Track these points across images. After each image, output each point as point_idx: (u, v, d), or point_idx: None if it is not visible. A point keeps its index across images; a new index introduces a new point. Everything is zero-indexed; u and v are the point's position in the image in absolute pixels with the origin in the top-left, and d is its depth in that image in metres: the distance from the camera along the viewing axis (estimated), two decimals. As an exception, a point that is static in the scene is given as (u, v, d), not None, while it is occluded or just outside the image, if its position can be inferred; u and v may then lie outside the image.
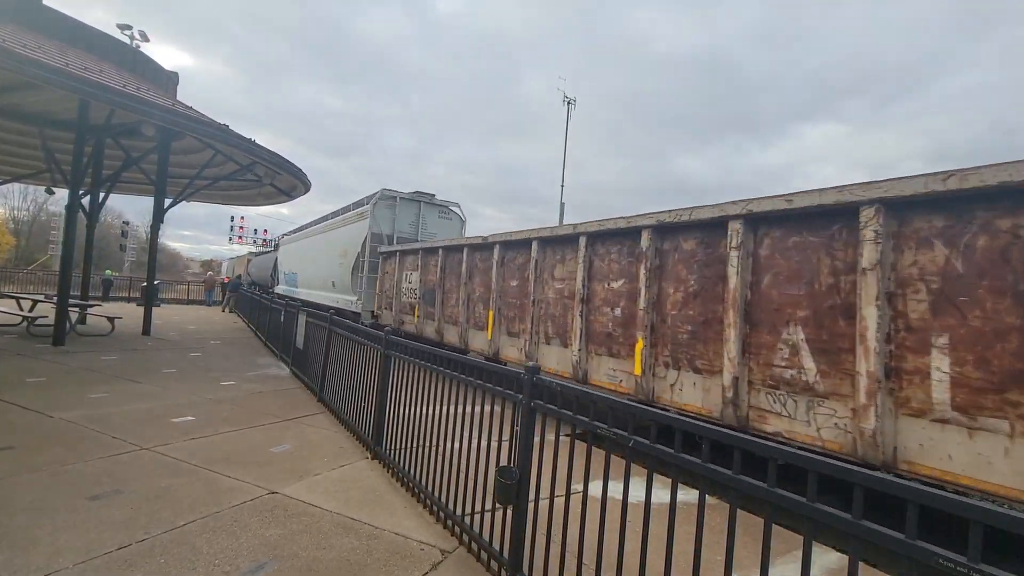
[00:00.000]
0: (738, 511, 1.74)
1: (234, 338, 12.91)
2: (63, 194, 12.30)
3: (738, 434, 1.70)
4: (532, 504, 2.63)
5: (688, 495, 3.64)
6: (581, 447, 2.53)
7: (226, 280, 27.16)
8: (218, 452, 4.37)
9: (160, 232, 13.10)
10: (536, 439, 2.70)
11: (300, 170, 11.87)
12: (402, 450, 3.95)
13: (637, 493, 2.30)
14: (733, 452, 1.71)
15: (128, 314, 14.34)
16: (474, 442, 3.10)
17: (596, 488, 2.39)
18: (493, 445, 3.00)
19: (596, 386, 5.59)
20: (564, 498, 2.50)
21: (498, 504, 2.74)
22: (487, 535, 2.87)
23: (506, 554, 2.70)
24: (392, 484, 3.96)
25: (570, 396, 2.58)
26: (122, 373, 7.33)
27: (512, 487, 2.60)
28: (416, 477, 3.68)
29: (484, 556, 2.89)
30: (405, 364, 4.08)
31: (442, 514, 3.32)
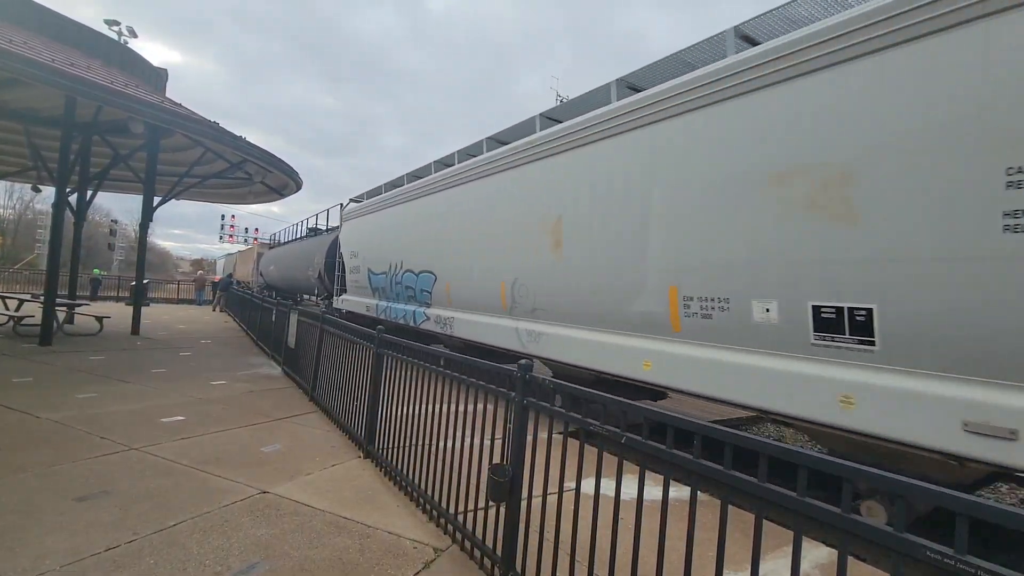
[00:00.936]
0: (729, 507, 1.75)
1: (225, 337, 12.80)
2: (49, 192, 12.15)
3: (730, 430, 1.71)
4: (525, 502, 2.63)
5: (680, 492, 3.65)
6: (574, 445, 2.53)
7: (216, 279, 26.82)
8: (208, 452, 4.33)
9: (149, 231, 12.98)
10: (529, 437, 2.70)
11: (291, 168, 11.80)
12: (395, 449, 3.93)
13: (629, 490, 2.30)
14: (724, 448, 1.72)
15: (117, 314, 14.18)
16: (467, 440, 3.10)
17: (589, 485, 2.39)
18: (486, 443, 3.00)
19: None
20: (557, 495, 2.50)
21: (491, 502, 2.73)
22: (480, 533, 2.86)
23: (499, 552, 2.69)
24: (385, 483, 3.94)
25: (563, 393, 2.58)
26: (110, 373, 7.25)
27: (505, 485, 2.59)
28: (409, 476, 3.67)
29: (477, 554, 2.89)
30: (397, 362, 4.07)
31: (435, 512, 3.31)
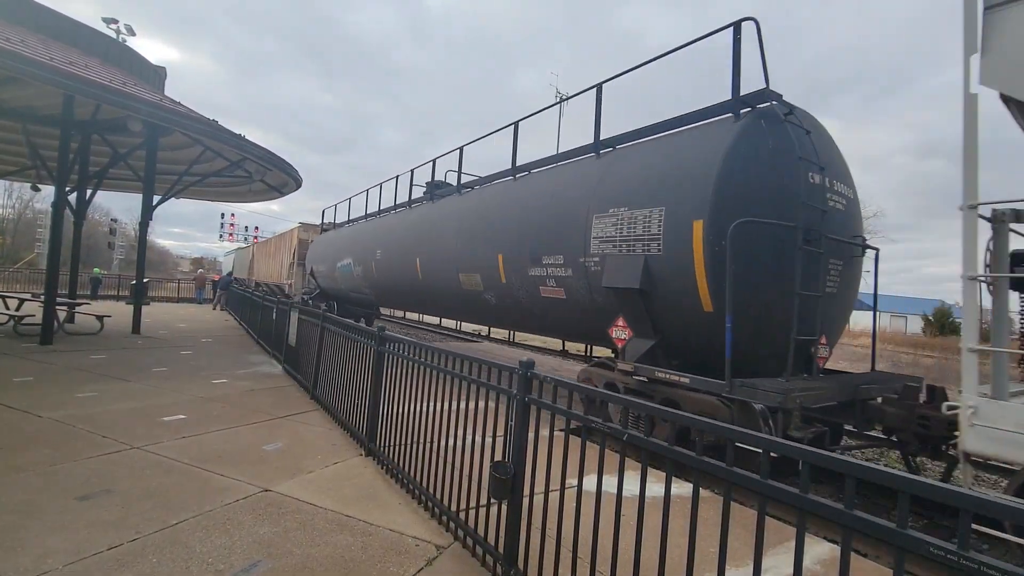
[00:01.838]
0: (731, 504, 1.75)
1: (225, 336, 12.80)
2: (49, 191, 12.12)
3: (731, 427, 1.70)
4: (527, 499, 2.63)
5: (682, 488, 3.66)
6: (576, 441, 2.53)
7: (216, 278, 26.80)
8: (210, 450, 4.33)
9: (149, 230, 12.96)
10: (530, 434, 2.70)
11: (291, 166, 11.78)
12: (396, 446, 3.93)
13: (632, 487, 2.30)
14: (726, 445, 1.72)
15: (117, 312, 14.18)
16: (468, 437, 3.10)
17: (591, 482, 2.39)
18: (487, 440, 3.00)
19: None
20: (559, 492, 2.50)
21: (493, 499, 2.74)
22: (482, 530, 2.87)
23: (501, 549, 2.70)
24: (386, 480, 3.95)
25: (564, 390, 2.58)
26: (111, 372, 7.25)
27: (506, 482, 2.59)
28: (410, 473, 3.67)
29: (479, 551, 2.89)
30: (398, 360, 4.07)
31: (437, 510, 3.31)
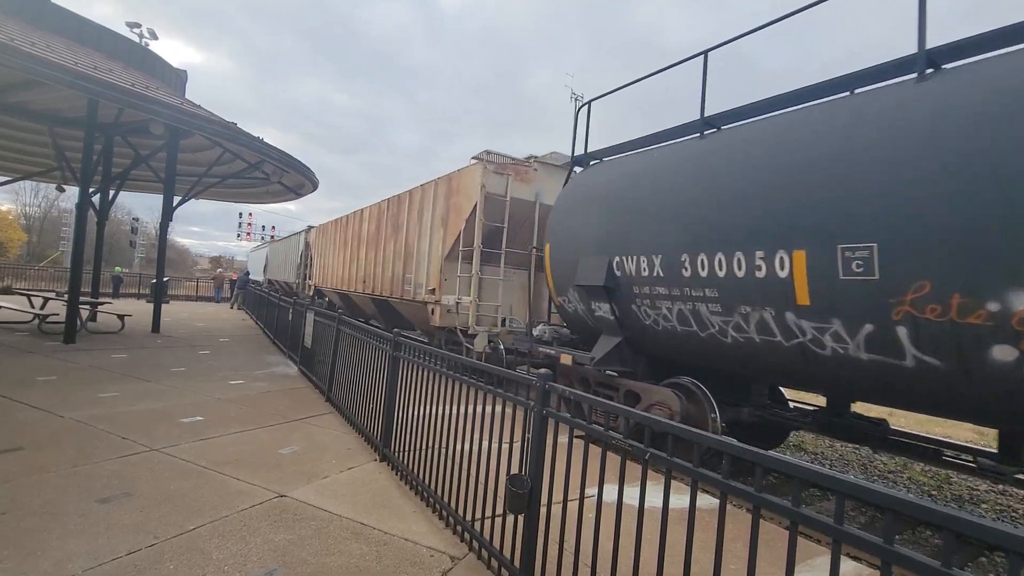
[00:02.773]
0: (759, 521, 1.69)
1: (242, 335, 12.96)
2: (73, 191, 12.37)
3: (759, 451, 1.64)
4: (544, 509, 2.59)
5: (704, 500, 3.58)
6: (594, 450, 2.47)
7: (234, 277, 27.12)
8: (227, 453, 4.36)
9: (169, 229, 13.16)
10: (549, 442, 2.65)
11: (308, 168, 11.88)
12: (411, 452, 3.92)
13: (652, 499, 2.25)
14: (755, 467, 1.66)
15: (138, 311, 14.43)
16: (484, 445, 3.07)
17: (611, 491, 2.33)
18: (504, 448, 2.96)
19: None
20: (578, 503, 2.45)
21: (509, 512, 2.70)
22: (498, 542, 2.83)
23: (517, 562, 2.66)
24: (401, 487, 3.93)
25: (584, 403, 2.54)
26: (132, 372, 7.36)
27: (523, 496, 2.55)
28: (425, 480, 3.65)
29: (495, 563, 2.85)
30: (413, 366, 4.05)
31: (451, 519, 3.28)
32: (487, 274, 8.35)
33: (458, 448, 3.30)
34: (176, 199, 12.52)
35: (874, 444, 5.10)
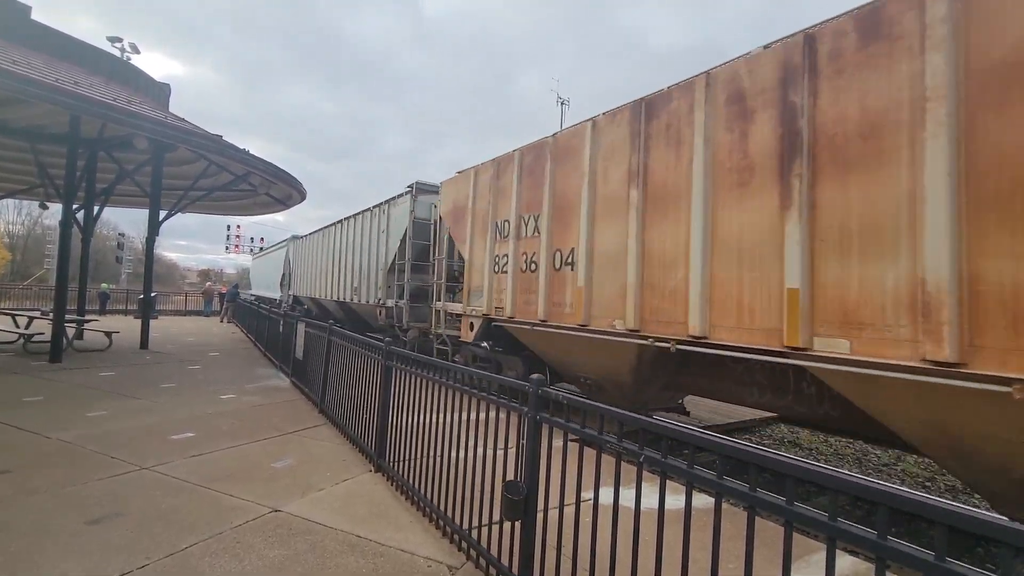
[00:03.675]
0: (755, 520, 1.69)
1: (233, 349, 12.83)
2: (58, 208, 12.20)
3: (753, 448, 1.65)
4: (541, 514, 2.58)
5: (697, 500, 3.58)
6: (590, 453, 2.47)
7: (223, 290, 26.79)
8: (219, 469, 4.30)
9: (156, 243, 13.03)
10: (544, 446, 2.65)
11: (295, 179, 11.81)
12: (406, 461, 3.89)
13: (649, 501, 2.25)
14: (750, 466, 1.66)
15: (126, 327, 14.24)
16: (479, 452, 3.05)
17: (608, 494, 2.32)
18: (499, 454, 2.95)
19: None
20: (575, 509, 2.44)
21: (506, 519, 2.68)
22: (495, 550, 2.81)
23: (515, 570, 2.64)
24: (397, 497, 3.90)
25: (577, 406, 2.53)
26: (120, 389, 7.26)
27: (519, 503, 2.54)
28: (421, 490, 3.63)
29: (493, 572, 2.84)
30: (406, 375, 4.03)
31: (449, 528, 3.26)
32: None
33: (453, 456, 3.28)
34: (162, 213, 12.40)
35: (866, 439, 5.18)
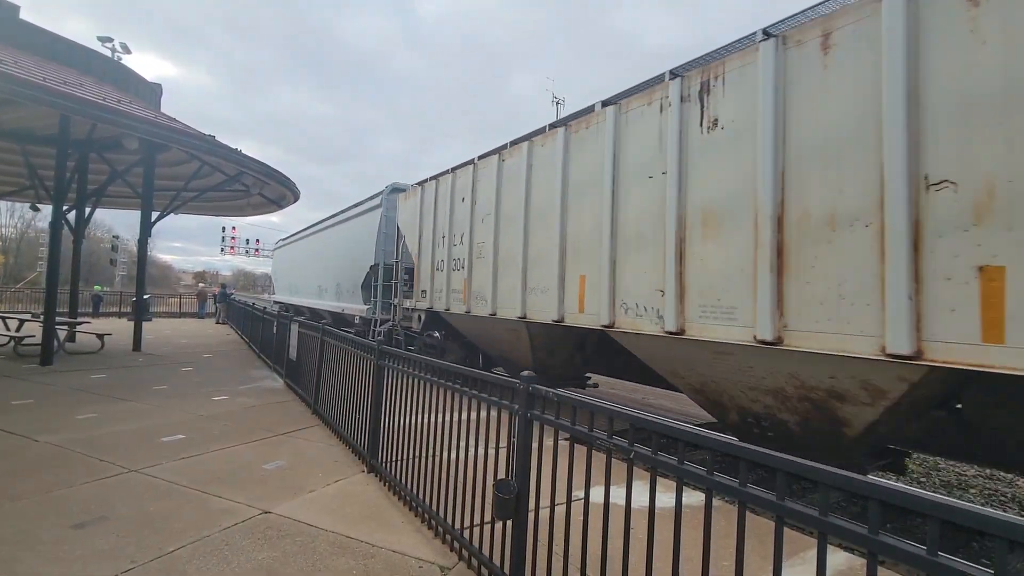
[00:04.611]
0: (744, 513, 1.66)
1: (227, 350, 12.74)
2: (49, 210, 12.10)
3: (742, 444, 1.62)
4: (532, 513, 2.54)
5: (691, 498, 3.56)
6: (581, 451, 2.44)
7: (216, 292, 26.60)
8: (209, 471, 4.25)
9: (150, 245, 12.95)
10: (535, 444, 2.62)
11: (288, 179, 11.75)
12: (399, 462, 3.85)
13: (640, 498, 2.23)
14: (739, 461, 1.64)
15: (118, 330, 14.14)
16: (471, 452, 3.02)
17: (599, 493, 2.30)
18: (491, 454, 2.91)
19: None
20: (566, 507, 2.41)
21: (497, 518, 2.65)
22: (487, 550, 2.78)
23: (507, 570, 2.61)
24: (389, 498, 3.86)
25: (567, 403, 2.50)
26: (111, 392, 7.18)
27: (510, 501, 2.51)
28: (413, 490, 3.59)
29: (485, 572, 2.80)
30: (398, 375, 3.99)
31: (441, 529, 3.23)
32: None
33: (445, 456, 3.25)
34: (155, 214, 12.31)
35: None
